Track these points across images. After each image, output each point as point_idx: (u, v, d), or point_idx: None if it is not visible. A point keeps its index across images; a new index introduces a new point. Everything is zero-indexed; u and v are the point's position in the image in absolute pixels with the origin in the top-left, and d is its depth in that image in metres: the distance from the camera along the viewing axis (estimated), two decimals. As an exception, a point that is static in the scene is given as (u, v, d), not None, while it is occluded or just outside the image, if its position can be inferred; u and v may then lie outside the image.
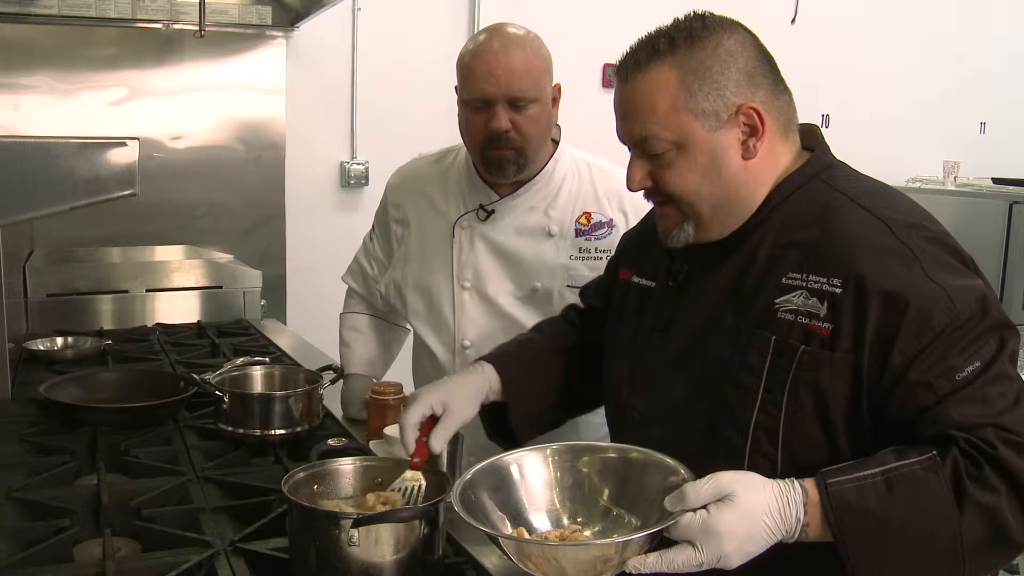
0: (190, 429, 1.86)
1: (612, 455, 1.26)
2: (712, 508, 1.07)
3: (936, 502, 1.08)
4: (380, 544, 1.16)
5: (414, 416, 1.36)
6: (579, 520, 1.23)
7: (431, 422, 1.37)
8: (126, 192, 1.52)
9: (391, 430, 1.68)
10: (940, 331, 1.11)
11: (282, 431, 1.75)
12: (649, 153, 1.26)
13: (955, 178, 4.76)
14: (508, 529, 1.19)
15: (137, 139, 1.56)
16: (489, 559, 1.32)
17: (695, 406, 1.28)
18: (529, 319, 1.89)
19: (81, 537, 1.40)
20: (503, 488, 1.23)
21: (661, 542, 1.09)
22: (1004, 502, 1.08)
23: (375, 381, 1.93)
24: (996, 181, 4.82)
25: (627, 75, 1.27)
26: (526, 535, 1.19)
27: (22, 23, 3.04)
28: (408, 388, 1.84)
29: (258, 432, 1.74)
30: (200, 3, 2.96)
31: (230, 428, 1.76)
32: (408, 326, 2.19)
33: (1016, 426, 1.10)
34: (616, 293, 1.51)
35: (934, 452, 1.09)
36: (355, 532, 1.14)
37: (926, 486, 1.08)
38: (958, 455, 1.08)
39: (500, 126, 1.77)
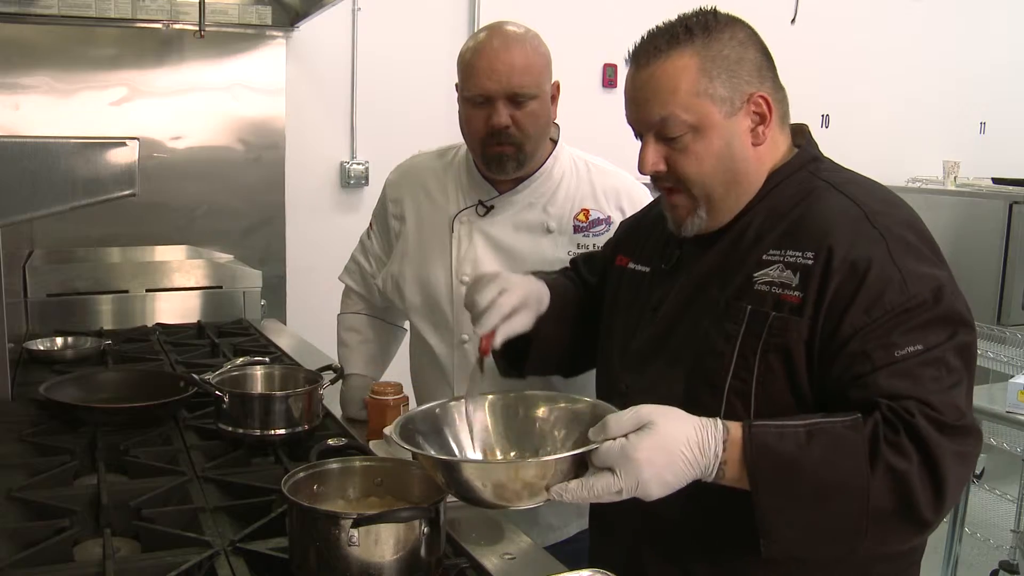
0: (190, 429, 1.86)
1: (544, 403, 1.34)
2: (632, 436, 1.12)
3: (850, 458, 1.12)
4: (380, 544, 1.17)
5: (500, 311, 1.40)
6: (512, 455, 1.29)
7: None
8: (126, 192, 1.52)
9: (391, 430, 1.68)
10: (889, 310, 1.17)
11: (282, 431, 1.75)
12: (666, 136, 1.30)
13: (955, 178, 4.76)
14: None
15: (137, 139, 1.56)
16: (489, 559, 1.32)
17: (675, 375, 1.33)
18: None
19: (81, 537, 1.40)
20: (441, 430, 1.30)
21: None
22: (915, 472, 1.11)
23: (375, 381, 1.93)
24: (996, 181, 4.83)
25: (647, 60, 1.30)
26: None
27: (22, 23, 3.04)
28: (407, 388, 1.84)
29: (258, 432, 1.74)
30: (200, 3, 2.96)
31: (230, 428, 1.75)
32: (405, 325, 2.20)
33: (940, 406, 1.14)
34: (612, 278, 1.56)
35: (859, 415, 1.14)
36: (355, 532, 1.15)
37: (844, 441, 1.12)
38: (879, 420, 1.13)
39: (500, 122, 1.79)
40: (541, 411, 1.33)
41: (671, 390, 1.32)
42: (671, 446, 1.12)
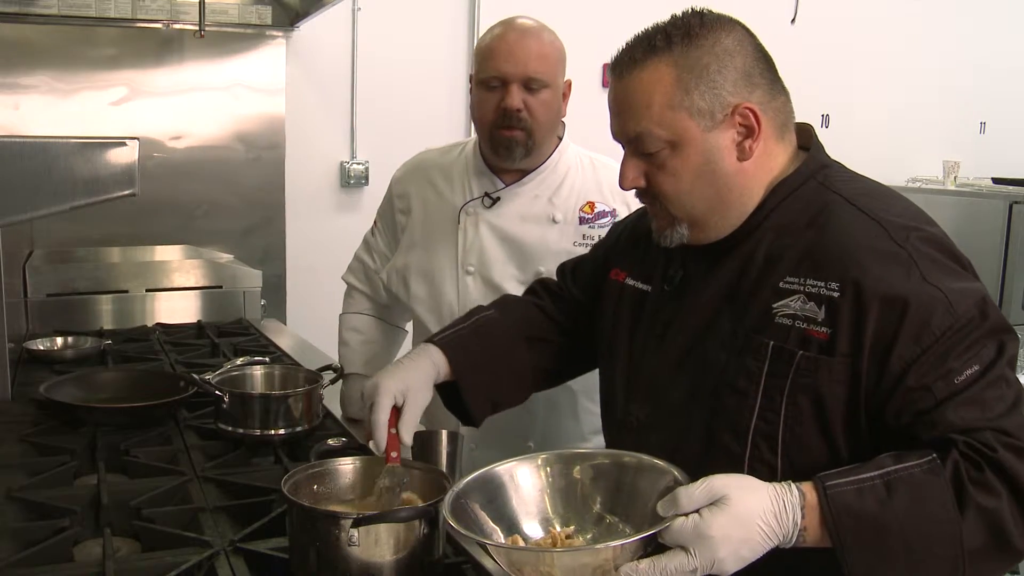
0: (190, 429, 1.86)
1: (604, 461, 1.24)
2: (705, 512, 1.05)
3: (937, 505, 1.06)
4: (380, 544, 1.16)
5: (384, 413, 1.35)
6: (572, 528, 1.22)
7: (395, 412, 1.37)
8: (126, 192, 1.52)
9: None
10: (940, 335, 1.11)
11: (282, 431, 1.75)
12: (643, 151, 1.25)
13: (955, 178, 4.76)
14: (501, 539, 1.18)
15: (137, 139, 1.56)
16: (489, 559, 1.32)
17: (692, 412, 1.27)
18: None
19: (81, 537, 1.40)
20: (496, 499, 1.22)
21: (656, 549, 1.07)
22: (1005, 506, 1.07)
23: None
24: (996, 181, 4.83)
25: (623, 72, 1.25)
26: (521, 544, 1.18)
27: (22, 23, 3.04)
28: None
29: (258, 432, 1.74)
30: (200, 3, 2.96)
31: (230, 428, 1.75)
32: (407, 327, 2.21)
33: (1015, 430, 1.09)
34: (609, 294, 1.48)
35: (934, 455, 1.08)
36: (355, 532, 1.14)
37: (927, 488, 1.07)
38: (959, 457, 1.07)
39: (513, 103, 1.83)
40: (599, 471, 1.23)
41: (690, 429, 1.26)
42: (748, 521, 1.05)
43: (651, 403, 1.34)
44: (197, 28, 2.99)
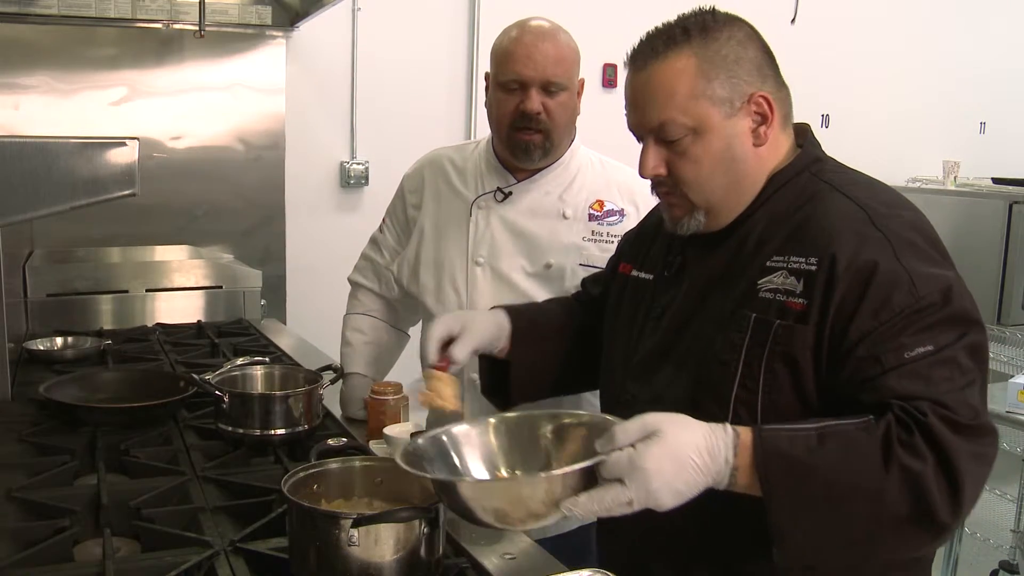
0: (190, 429, 1.86)
1: (549, 421, 1.28)
2: (640, 445, 1.09)
3: (863, 459, 1.09)
4: (380, 544, 1.17)
5: (437, 331, 1.47)
6: (518, 473, 1.25)
7: (450, 344, 1.47)
8: (126, 192, 1.52)
9: (391, 430, 1.68)
10: (898, 312, 1.15)
11: (282, 431, 1.75)
12: (665, 139, 1.29)
13: (955, 178, 4.76)
14: None
15: (137, 139, 1.56)
16: (489, 559, 1.32)
17: (681, 386, 1.32)
18: (540, 294, 1.94)
19: (81, 537, 1.40)
20: (448, 456, 1.26)
21: None
22: (930, 473, 1.09)
23: (375, 381, 1.94)
24: (996, 181, 4.83)
25: (644, 63, 1.29)
26: None
27: (22, 23, 3.04)
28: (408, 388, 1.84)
29: (258, 432, 1.74)
30: (200, 3, 2.96)
31: (230, 428, 1.75)
32: (410, 332, 2.23)
33: (954, 405, 1.12)
34: (615, 286, 1.55)
35: (871, 417, 1.12)
36: (355, 532, 1.15)
37: (856, 443, 1.10)
38: (892, 420, 1.11)
39: (532, 107, 1.86)
40: (547, 428, 1.27)
41: (677, 399, 1.30)
42: (680, 454, 1.09)
43: (644, 380, 1.39)
44: (197, 28, 2.98)
